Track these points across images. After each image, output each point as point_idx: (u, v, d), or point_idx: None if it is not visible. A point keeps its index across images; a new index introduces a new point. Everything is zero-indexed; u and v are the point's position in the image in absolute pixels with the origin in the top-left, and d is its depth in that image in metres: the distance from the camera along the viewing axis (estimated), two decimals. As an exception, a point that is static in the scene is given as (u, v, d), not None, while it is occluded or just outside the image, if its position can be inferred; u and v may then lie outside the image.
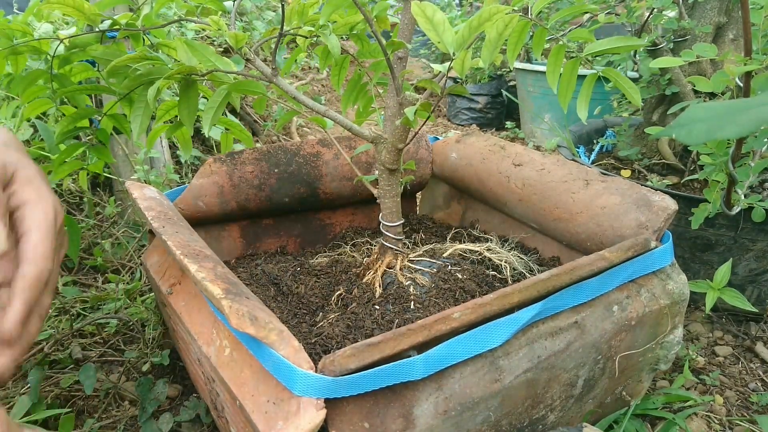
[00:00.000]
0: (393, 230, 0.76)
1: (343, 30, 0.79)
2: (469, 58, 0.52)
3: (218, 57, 0.71)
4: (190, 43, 0.70)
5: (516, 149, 0.96)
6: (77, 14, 0.74)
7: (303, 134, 2.16)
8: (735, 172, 0.85)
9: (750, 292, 1.06)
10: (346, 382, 0.47)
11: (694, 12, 1.20)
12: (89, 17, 0.74)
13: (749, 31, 0.75)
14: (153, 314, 0.99)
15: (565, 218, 0.82)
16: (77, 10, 0.73)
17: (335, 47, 0.68)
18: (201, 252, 0.62)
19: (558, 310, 0.63)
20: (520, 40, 0.67)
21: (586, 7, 0.70)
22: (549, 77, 0.69)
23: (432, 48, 3.39)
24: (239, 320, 0.48)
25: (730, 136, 0.29)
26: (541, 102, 2.40)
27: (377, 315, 0.69)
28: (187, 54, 0.69)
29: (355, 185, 1.00)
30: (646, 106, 1.32)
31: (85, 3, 0.73)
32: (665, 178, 1.24)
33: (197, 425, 0.82)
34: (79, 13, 0.73)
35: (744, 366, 1.01)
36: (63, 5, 0.72)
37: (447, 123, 2.89)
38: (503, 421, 0.59)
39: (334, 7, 0.67)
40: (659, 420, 0.85)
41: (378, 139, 0.70)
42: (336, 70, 0.87)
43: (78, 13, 0.73)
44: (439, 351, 0.52)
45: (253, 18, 2.16)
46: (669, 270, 0.74)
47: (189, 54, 0.69)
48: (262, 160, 0.94)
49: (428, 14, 0.52)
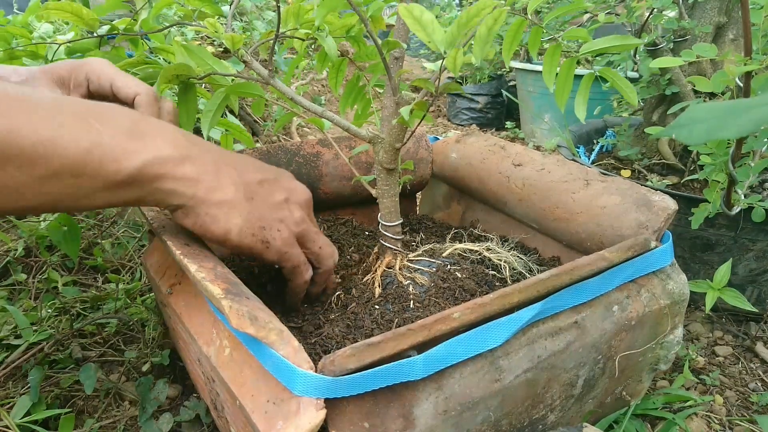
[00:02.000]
0: (392, 230, 0.76)
1: (340, 32, 0.79)
2: (461, 56, 0.52)
3: (215, 60, 0.71)
4: (188, 46, 0.70)
5: (516, 149, 0.96)
6: (76, 20, 0.74)
7: (303, 134, 2.16)
8: (735, 172, 0.85)
9: (750, 292, 1.06)
10: (346, 382, 0.47)
11: (694, 12, 1.20)
12: (87, 23, 0.75)
13: (749, 31, 0.75)
14: (153, 314, 0.99)
15: (565, 218, 0.82)
16: (76, 15, 0.73)
17: (332, 49, 0.68)
18: (201, 252, 0.62)
19: (558, 310, 0.63)
20: (515, 39, 0.67)
21: (583, 6, 0.70)
22: (545, 77, 0.69)
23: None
24: (239, 320, 0.48)
25: (730, 136, 0.29)
26: (541, 102, 2.40)
27: (377, 315, 0.69)
28: (185, 57, 0.69)
29: (354, 185, 1.00)
30: (646, 106, 1.32)
31: (83, 9, 0.73)
32: (665, 178, 1.24)
33: (197, 425, 0.82)
34: (77, 18, 0.74)
35: (744, 366, 1.01)
36: (61, 11, 0.72)
37: (447, 123, 2.89)
38: (503, 421, 0.59)
39: (328, 8, 0.67)
40: (659, 420, 0.85)
41: (375, 139, 0.70)
42: (333, 72, 0.87)
43: (76, 18, 0.74)
44: (439, 351, 0.52)
45: (253, 18, 2.16)
46: (669, 270, 0.74)
47: (186, 57, 0.69)
48: (261, 160, 0.94)
49: (416, 15, 0.52)
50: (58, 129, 0.48)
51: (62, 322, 0.99)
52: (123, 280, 1.12)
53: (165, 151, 0.55)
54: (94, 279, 1.15)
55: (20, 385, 0.86)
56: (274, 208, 0.64)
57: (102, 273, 1.17)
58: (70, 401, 0.86)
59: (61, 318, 1.00)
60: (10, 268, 1.11)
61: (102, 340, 0.98)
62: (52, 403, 0.84)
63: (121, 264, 1.17)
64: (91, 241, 1.21)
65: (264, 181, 0.65)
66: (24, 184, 0.47)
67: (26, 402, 0.80)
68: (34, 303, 1.03)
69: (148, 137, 0.54)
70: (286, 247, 0.64)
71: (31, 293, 1.07)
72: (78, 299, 1.05)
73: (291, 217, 0.65)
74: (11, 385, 0.87)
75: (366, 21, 0.61)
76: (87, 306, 1.04)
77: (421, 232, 1.00)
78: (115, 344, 0.98)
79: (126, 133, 0.53)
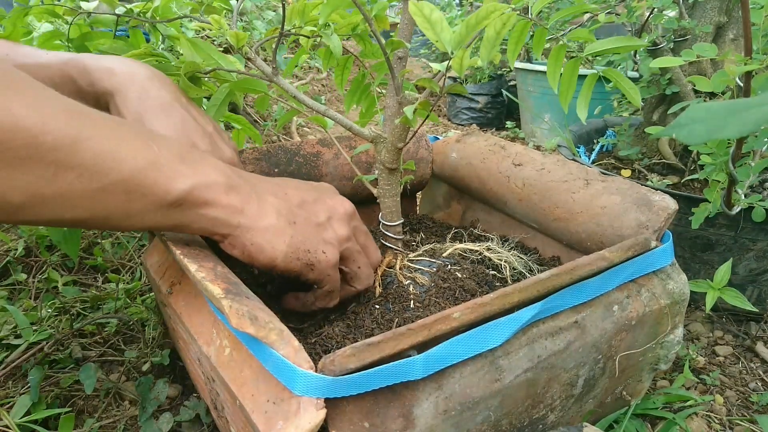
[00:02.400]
0: (393, 230, 0.76)
1: (345, 30, 0.79)
2: (468, 57, 0.52)
3: (221, 55, 0.71)
4: (194, 40, 0.70)
5: (516, 149, 0.96)
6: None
7: (303, 134, 2.16)
8: (735, 172, 0.85)
9: (750, 292, 1.06)
10: (346, 381, 0.47)
11: (694, 12, 1.20)
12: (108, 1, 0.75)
13: (749, 31, 0.75)
14: (153, 314, 0.99)
15: (565, 218, 0.82)
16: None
17: (337, 47, 0.68)
18: (201, 252, 0.62)
19: (558, 309, 0.63)
20: (520, 40, 0.67)
21: (587, 7, 0.70)
22: (549, 78, 0.69)
23: (432, 48, 3.39)
24: (239, 320, 0.48)
25: (730, 136, 0.29)
26: (541, 102, 2.40)
27: (377, 314, 0.69)
28: (191, 52, 0.69)
29: (355, 185, 1.00)
30: (647, 105, 1.32)
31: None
32: (665, 177, 1.24)
33: (197, 425, 0.82)
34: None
35: (744, 366, 1.01)
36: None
37: (447, 123, 2.89)
38: (503, 421, 0.59)
39: (333, 6, 0.67)
40: (659, 420, 0.85)
41: (377, 139, 0.70)
42: (339, 70, 0.87)
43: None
44: (439, 351, 0.52)
45: (254, 18, 2.16)
46: (669, 270, 0.74)
47: (192, 52, 0.69)
48: (261, 160, 0.94)
49: (425, 13, 0.52)
50: (119, 143, 0.48)
51: (62, 322, 0.99)
52: (123, 280, 1.12)
53: (213, 177, 0.56)
54: (94, 279, 1.15)
55: (20, 384, 0.86)
56: (317, 230, 0.63)
57: (102, 273, 1.17)
58: (70, 401, 0.86)
59: (61, 318, 1.00)
60: (10, 268, 1.11)
61: (102, 340, 0.98)
62: (52, 402, 0.84)
63: (121, 264, 1.17)
64: (91, 240, 1.21)
65: (304, 202, 0.64)
66: (80, 194, 0.47)
67: (26, 401, 0.80)
68: (34, 303, 1.03)
69: (197, 163, 0.55)
70: (328, 270, 0.64)
71: (31, 293, 1.07)
72: (78, 299, 1.05)
73: (335, 236, 0.65)
74: (11, 384, 0.87)
75: (370, 20, 0.61)
76: (87, 306, 1.04)
77: (422, 231, 1.00)
78: (115, 344, 0.98)
79: (178, 156, 0.54)
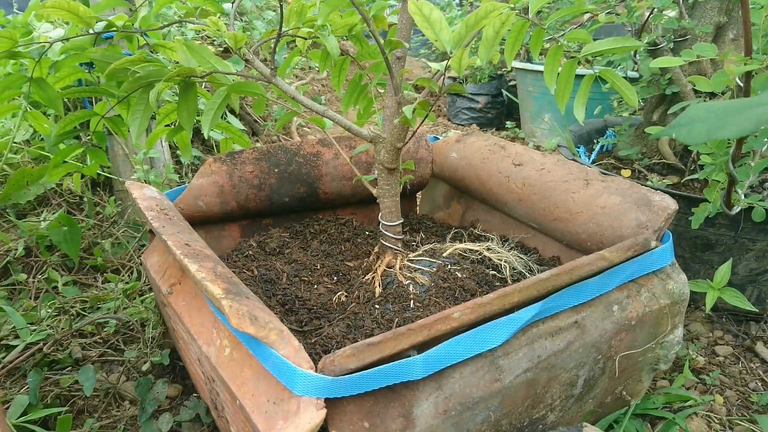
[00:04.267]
0: (392, 230, 0.76)
1: (342, 31, 0.79)
2: (467, 56, 0.52)
3: (217, 59, 0.71)
4: (189, 44, 0.69)
5: (516, 149, 0.96)
6: (73, 18, 0.74)
7: (303, 134, 2.16)
8: (735, 172, 0.85)
9: (750, 292, 1.06)
10: (346, 381, 0.47)
11: (694, 12, 1.20)
12: (84, 20, 0.74)
13: (749, 31, 0.75)
14: (153, 314, 0.99)
15: (565, 218, 0.82)
16: (72, 13, 0.73)
17: (334, 48, 0.68)
18: (201, 252, 0.62)
19: (558, 309, 0.63)
20: (518, 40, 0.67)
21: (586, 8, 0.70)
22: (546, 77, 0.69)
23: (432, 48, 3.39)
24: (239, 320, 0.48)
25: (730, 136, 0.29)
26: (541, 102, 2.40)
27: (377, 314, 0.69)
28: (186, 56, 0.69)
29: (354, 185, 1.00)
30: (647, 105, 1.32)
31: (80, 6, 0.73)
32: (665, 177, 1.24)
33: (197, 425, 0.82)
34: (74, 16, 0.74)
35: (744, 366, 1.01)
36: (58, 9, 0.72)
37: (447, 123, 2.89)
38: (503, 421, 0.59)
39: (331, 7, 0.67)
40: (659, 420, 0.85)
41: (377, 139, 0.70)
42: (336, 71, 0.87)
43: (73, 16, 0.74)
44: (439, 351, 0.52)
45: (253, 18, 2.15)
46: (669, 270, 0.74)
47: (188, 56, 0.69)
48: (262, 160, 0.94)
49: (425, 12, 0.52)
50: None
51: (62, 322, 0.99)
52: (123, 280, 1.12)
53: None
54: (94, 279, 1.15)
55: (19, 384, 0.86)
56: None
57: (102, 273, 1.17)
58: (70, 401, 0.86)
59: (61, 318, 1.00)
60: (10, 268, 1.11)
61: (101, 340, 0.98)
62: (52, 402, 0.84)
63: (121, 264, 1.17)
64: (91, 241, 1.21)
65: None
66: None
67: (23, 401, 0.80)
68: (34, 303, 1.03)
69: None
70: None
71: (31, 293, 1.07)
72: (78, 299, 1.05)
73: None
74: (9, 384, 0.87)
75: (369, 20, 0.61)
76: (87, 306, 1.04)
77: (422, 231, 1.00)
78: (115, 344, 0.98)
79: None
